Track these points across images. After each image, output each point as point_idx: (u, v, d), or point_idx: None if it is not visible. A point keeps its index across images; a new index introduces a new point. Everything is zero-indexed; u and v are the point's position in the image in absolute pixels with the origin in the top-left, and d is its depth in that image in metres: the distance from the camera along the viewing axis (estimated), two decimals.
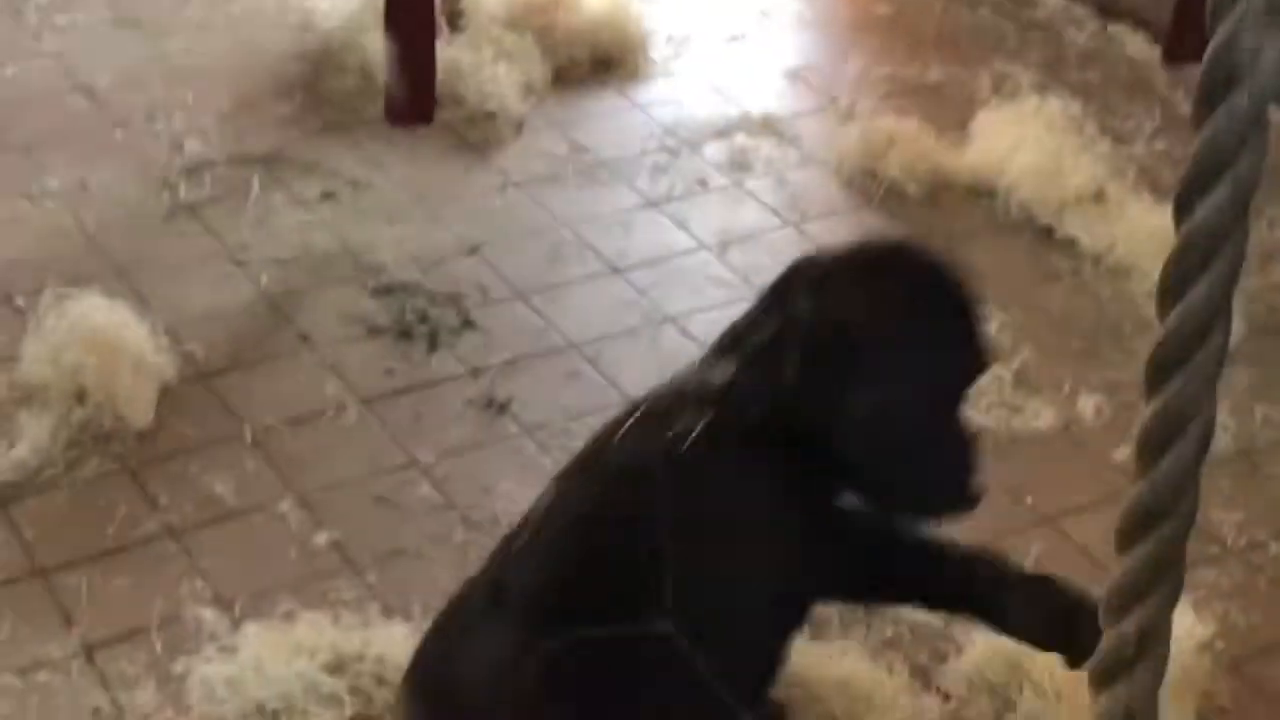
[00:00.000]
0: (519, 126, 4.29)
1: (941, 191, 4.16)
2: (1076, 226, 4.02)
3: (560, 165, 4.18)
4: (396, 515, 3.14)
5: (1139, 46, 4.70)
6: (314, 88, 4.40)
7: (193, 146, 4.15)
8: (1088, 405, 3.48)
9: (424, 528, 3.11)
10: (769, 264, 3.84)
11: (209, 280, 3.72)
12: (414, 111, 4.16)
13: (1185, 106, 4.32)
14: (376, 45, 4.26)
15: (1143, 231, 3.92)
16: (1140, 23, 4.73)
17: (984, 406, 3.43)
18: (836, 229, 3.97)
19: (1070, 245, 3.99)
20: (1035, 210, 4.07)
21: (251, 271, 3.74)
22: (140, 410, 3.29)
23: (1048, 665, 2.73)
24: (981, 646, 2.82)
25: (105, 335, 3.37)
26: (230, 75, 4.44)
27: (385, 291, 3.71)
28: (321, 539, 3.06)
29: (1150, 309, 1.01)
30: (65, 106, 4.30)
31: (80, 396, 3.28)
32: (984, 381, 3.43)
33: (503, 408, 3.41)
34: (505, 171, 4.14)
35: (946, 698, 2.77)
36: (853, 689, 2.73)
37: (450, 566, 2.98)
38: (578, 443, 3.26)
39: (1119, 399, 3.49)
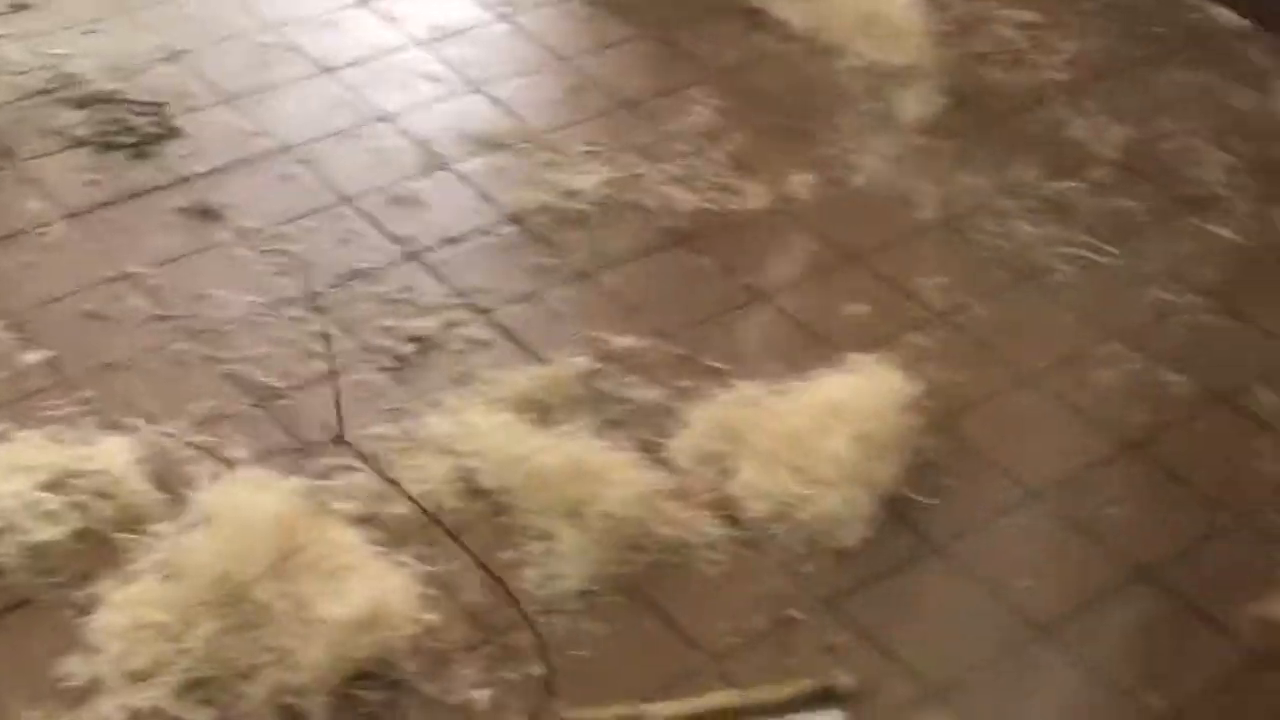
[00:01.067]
0: None
1: None
2: (786, 8, 4.06)
3: None
4: (109, 328, 3.08)
5: None
6: None
7: None
8: (799, 184, 3.54)
9: (137, 339, 3.05)
10: (481, 56, 3.87)
11: None
12: None
13: None
14: None
15: (849, 11, 3.99)
16: None
17: (699, 189, 3.48)
18: (547, 21, 3.98)
19: (781, 26, 4.03)
20: None
21: None
22: None
23: (767, 432, 2.82)
24: (702, 421, 2.88)
25: None
26: None
27: (84, 103, 3.62)
28: (32, 358, 2.99)
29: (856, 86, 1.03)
30: None
31: None
32: (698, 164, 3.53)
33: (214, 215, 3.36)
34: None
35: (673, 470, 2.81)
36: (583, 468, 2.76)
37: (167, 378, 2.96)
38: (293, 246, 3.26)
39: (828, 176, 3.56)
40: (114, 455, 2.75)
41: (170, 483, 2.74)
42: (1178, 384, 3.10)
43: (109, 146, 3.52)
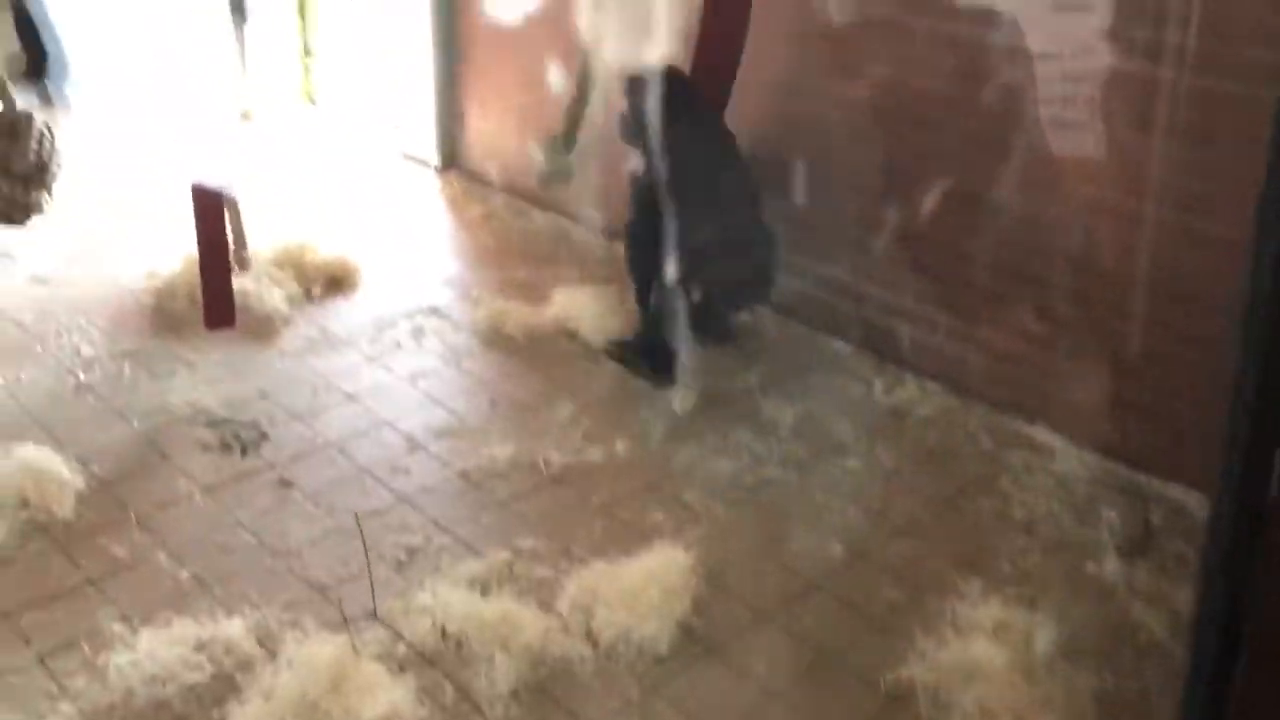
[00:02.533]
0: (286, 322, 4.22)
1: (537, 335, 4.18)
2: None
3: (313, 343, 4.12)
4: (230, 553, 3.03)
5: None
6: (160, 309, 4.25)
7: (85, 349, 3.96)
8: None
9: (247, 559, 3.01)
10: (442, 387, 3.88)
11: (101, 428, 3.55)
12: (222, 319, 4.02)
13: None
14: (194, 281, 4.15)
15: None
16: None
17: (565, 452, 3.47)
18: (480, 367, 4.00)
19: (606, 360, 4.01)
20: (589, 340, 4.11)
21: (129, 419, 3.59)
22: (65, 507, 3.14)
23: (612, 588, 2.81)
24: (575, 585, 2.88)
25: (36, 465, 3.21)
26: (107, 308, 4.26)
27: (213, 424, 3.59)
28: (184, 574, 2.94)
29: None
30: (3, 336, 4.05)
31: (24, 504, 3.12)
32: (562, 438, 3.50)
33: (291, 484, 3.34)
34: (280, 348, 4.07)
35: (558, 616, 2.80)
36: (508, 618, 2.75)
37: (265, 580, 2.92)
38: (337, 500, 3.24)
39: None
40: (233, 628, 2.72)
41: (268, 644, 2.70)
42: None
43: (227, 448, 3.49)
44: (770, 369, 3.95)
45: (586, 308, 4.21)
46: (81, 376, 3.80)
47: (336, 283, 4.49)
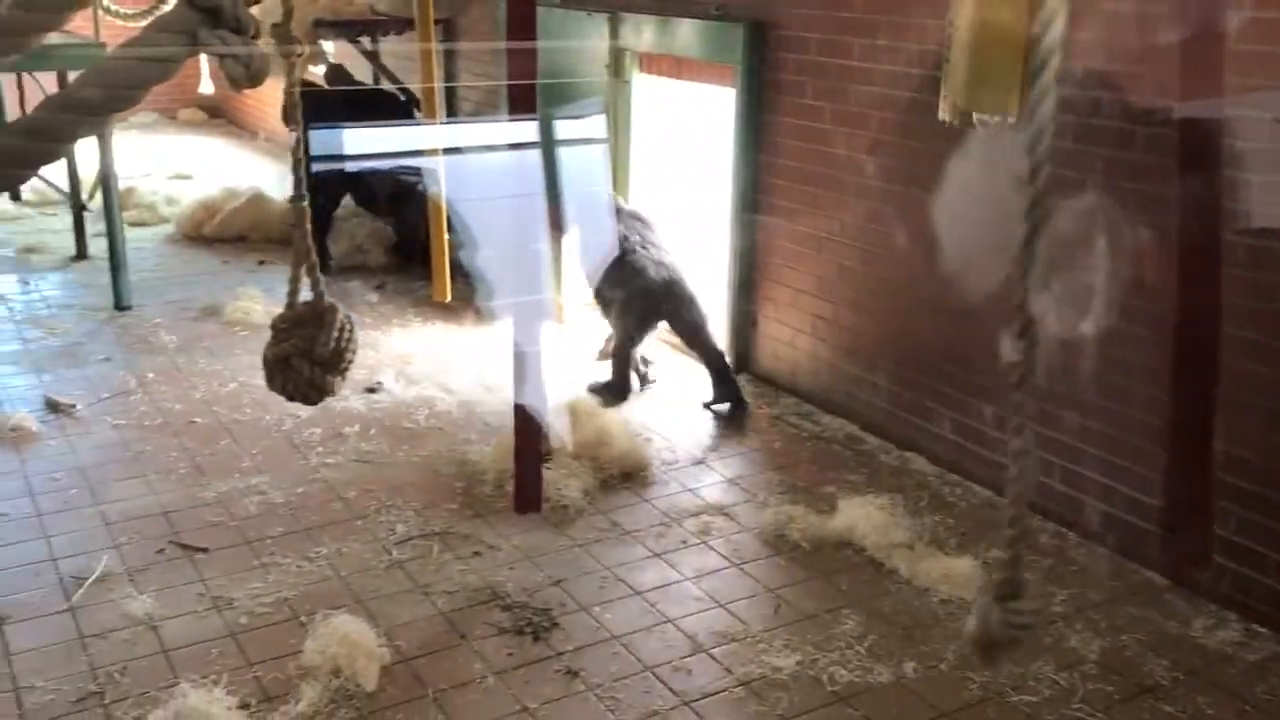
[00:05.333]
0: (581, 512, 4.37)
1: (822, 543, 4.14)
2: (897, 561, 3.98)
3: (604, 533, 4.24)
4: None
5: (921, 464, 4.78)
6: (468, 492, 4.51)
7: (398, 529, 4.24)
8: None
9: None
10: (726, 588, 3.87)
11: (408, 604, 3.76)
12: (529, 505, 4.24)
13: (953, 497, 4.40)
14: (502, 467, 4.39)
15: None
16: (920, 451, 4.81)
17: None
18: (764, 571, 3.99)
19: (893, 574, 3.96)
20: (873, 552, 4.05)
21: (433, 598, 3.79)
22: (370, 680, 3.31)
23: None
24: None
25: (350, 638, 3.41)
26: (420, 488, 4.56)
27: (508, 608, 3.73)
28: None
29: None
30: (329, 509, 4.39)
31: (335, 672, 3.30)
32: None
33: (576, 674, 3.40)
34: (573, 537, 4.20)
35: None
36: None
37: None
38: (619, 694, 3.27)
39: None
40: None
41: None
42: None
43: (520, 632, 3.60)
44: (1076, 596, 3.74)
45: (873, 519, 4.16)
46: (394, 553, 4.05)
47: (628, 475, 4.64)
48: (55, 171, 7.20)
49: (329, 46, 8.52)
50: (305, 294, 3.21)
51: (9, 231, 8.01)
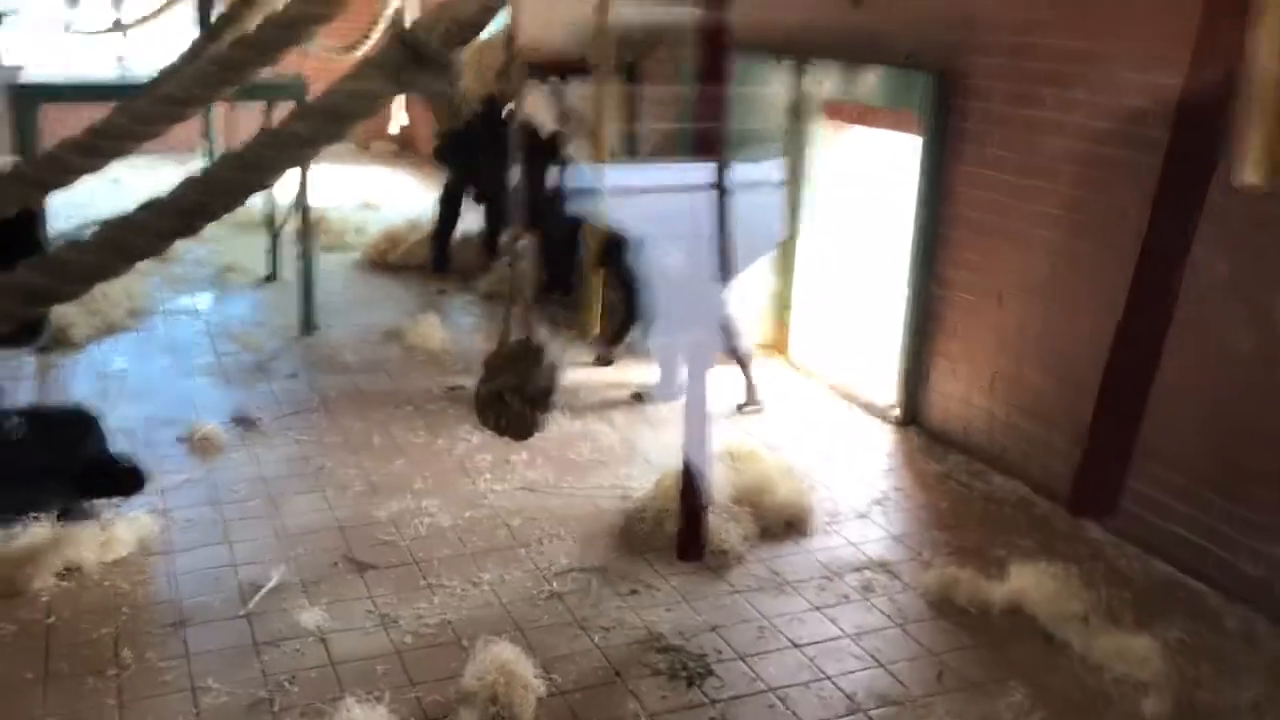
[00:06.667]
0: (740, 559, 4.33)
1: (989, 609, 3.99)
2: (1070, 634, 3.81)
3: (763, 583, 4.18)
4: None
5: (1097, 532, 4.57)
6: (627, 530, 4.52)
7: (559, 560, 4.27)
8: None
9: None
10: (887, 649, 3.76)
11: (566, 637, 3.78)
12: (691, 552, 4.12)
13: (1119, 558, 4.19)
14: (661, 506, 4.39)
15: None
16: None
17: None
18: (928, 634, 3.87)
19: (1065, 647, 3.78)
20: (1044, 622, 3.88)
21: (590, 633, 3.80)
22: (526, 712, 3.33)
23: None
24: None
25: (508, 666, 3.44)
26: (582, 521, 4.59)
27: (663, 650, 3.71)
28: None
29: None
30: (494, 535, 4.45)
31: (493, 699, 3.33)
32: None
33: None
34: (732, 584, 4.16)
35: None
36: None
37: None
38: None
39: None
40: None
41: None
42: None
43: (675, 676, 3.58)
44: (1266, 687, 3.50)
45: (1045, 587, 3.98)
46: (554, 585, 4.08)
47: (790, 525, 4.57)
48: (254, 197, 7.56)
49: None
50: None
51: (210, 251, 8.47)
